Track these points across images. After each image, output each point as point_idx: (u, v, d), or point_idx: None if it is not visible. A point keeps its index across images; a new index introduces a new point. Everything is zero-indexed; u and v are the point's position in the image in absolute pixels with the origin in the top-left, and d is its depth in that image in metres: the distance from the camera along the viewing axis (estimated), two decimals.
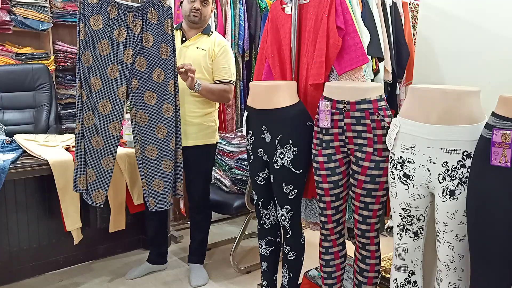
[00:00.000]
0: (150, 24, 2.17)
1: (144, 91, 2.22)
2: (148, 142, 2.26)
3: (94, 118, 2.16)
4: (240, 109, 3.29)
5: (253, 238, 3.23)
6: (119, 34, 2.13)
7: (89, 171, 2.20)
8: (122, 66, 2.16)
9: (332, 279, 1.94)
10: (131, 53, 2.16)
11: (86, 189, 2.21)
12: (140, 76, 2.20)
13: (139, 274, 2.66)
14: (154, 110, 2.24)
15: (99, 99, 2.15)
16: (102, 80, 2.14)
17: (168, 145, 2.28)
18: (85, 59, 2.12)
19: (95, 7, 2.09)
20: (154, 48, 2.20)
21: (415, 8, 2.70)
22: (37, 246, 2.61)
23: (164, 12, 2.19)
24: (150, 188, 2.29)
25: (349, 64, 1.90)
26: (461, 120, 1.37)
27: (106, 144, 2.19)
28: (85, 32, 2.10)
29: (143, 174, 2.29)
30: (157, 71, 2.22)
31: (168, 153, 2.28)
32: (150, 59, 2.20)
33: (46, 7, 3.70)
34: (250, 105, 1.97)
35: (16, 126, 3.13)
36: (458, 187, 1.38)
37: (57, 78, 3.91)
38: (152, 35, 2.18)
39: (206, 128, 2.51)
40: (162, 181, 2.30)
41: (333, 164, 1.78)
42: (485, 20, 1.63)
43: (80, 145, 2.18)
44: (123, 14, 2.12)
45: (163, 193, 2.30)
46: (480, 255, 1.29)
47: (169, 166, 2.30)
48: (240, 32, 3.21)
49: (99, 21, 2.09)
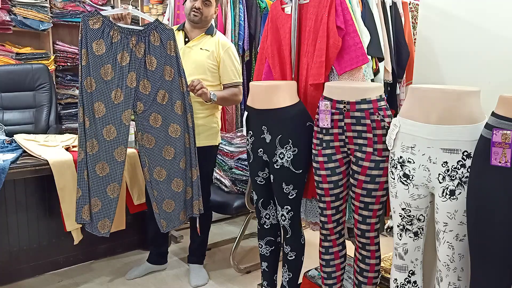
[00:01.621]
0: (153, 46, 2.17)
1: (150, 114, 2.22)
2: (156, 165, 2.26)
3: (98, 145, 2.13)
4: (240, 109, 3.28)
5: (253, 238, 3.23)
6: (122, 58, 2.12)
7: (93, 200, 2.16)
8: (126, 90, 2.15)
9: (332, 279, 1.94)
10: (135, 76, 2.16)
11: (90, 219, 2.18)
12: (145, 99, 2.20)
13: (139, 274, 2.66)
14: (161, 132, 2.24)
15: (104, 125, 2.13)
16: (106, 105, 2.12)
17: (178, 165, 2.27)
18: (87, 85, 2.10)
19: (98, 32, 2.07)
20: (157, 70, 2.19)
21: (415, 8, 2.70)
22: (37, 246, 2.61)
23: (166, 34, 2.19)
24: (161, 211, 2.29)
25: (349, 64, 1.90)
26: (461, 120, 1.37)
27: (111, 171, 2.16)
28: (87, 57, 2.08)
29: (153, 197, 2.28)
30: (161, 93, 2.22)
31: (177, 173, 2.28)
32: (154, 81, 2.19)
33: (46, 7, 3.70)
34: (250, 105, 1.97)
35: (16, 126, 3.13)
36: (458, 187, 1.38)
37: (57, 78, 3.92)
38: (155, 58, 2.18)
39: (209, 130, 2.51)
40: (173, 201, 2.30)
41: (333, 164, 1.78)
42: (485, 20, 1.63)
43: (83, 173, 2.14)
44: (126, 38, 2.12)
45: (174, 213, 2.32)
46: (480, 255, 1.29)
47: (179, 185, 2.30)
48: (240, 32, 3.21)
49: (101, 46, 2.08)
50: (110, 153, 2.15)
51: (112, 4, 4.25)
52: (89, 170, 2.14)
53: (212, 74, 2.45)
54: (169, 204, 2.30)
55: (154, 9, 4.31)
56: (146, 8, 4.36)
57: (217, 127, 2.57)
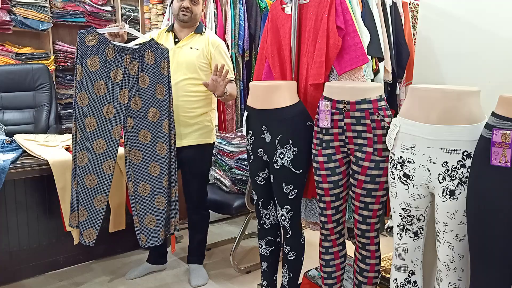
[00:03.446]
0: (147, 65, 2.22)
1: (139, 130, 2.25)
2: (141, 180, 2.28)
3: (87, 157, 2.17)
4: (240, 109, 3.28)
5: (253, 238, 3.23)
6: (115, 75, 2.16)
7: (81, 210, 2.20)
8: (118, 106, 2.19)
9: (332, 279, 1.94)
10: (127, 93, 2.19)
11: (77, 226, 2.22)
12: (135, 115, 2.23)
13: (139, 274, 2.66)
14: (148, 149, 2.28)
15: (94, 138, 2.17)
16: (97, 120, 2.17)
17: (162, 182, 2.32)
18: (80, 100, 2.14)
19: (93, 49, 2.12)
20: (150, 88, 2.23)
21: (415, 8, 2.70)
22: (37, 246, 2.61)
23: (160, 54, 2.24)
24: (142, 225, 2.32)
25: (349, 64, 1.90)
26: (461, 120, 1.37)
27: (99, 183, 2.19)
28: (82, 73, 2.13)
29: (135, 211, 2.30)
30: (152, 110, 2.25)
31: (161, 190, 2.32)
32: (145, 99, 2.24)
33: (46, 7, 3.70)
34: (250, 105, 1.97)
35: (16, 126, 3.13)
36: (458, 187, 1.38)
37: (57, 78, 3.92)
38: (148, 76, 2.23)
39: (202, 128, 2.50)
40: (154, 217, 2.33)
41: (333, 164, 1.78)
42: (485, 20, 1.63)
43: (73, 183, 2.20)
44: (121, 56, 2.16)
45: (155, 230, 2.34)
46: (480, 255, 1.29)
47: (162, 202, 2.33)
48: (240, 32, 3.21)
49: (96, 62, 2.13)
50: (99, 165, 2.18)
51: (112, 4, 4.25)
52: (78, 180, 2.18)
53: (204, 73, 2.46)
54: (151, 219, 2.33)
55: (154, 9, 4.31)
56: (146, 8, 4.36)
57: (211, 126, 2.57)
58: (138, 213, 2.30)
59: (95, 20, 4.09)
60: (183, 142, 2.46)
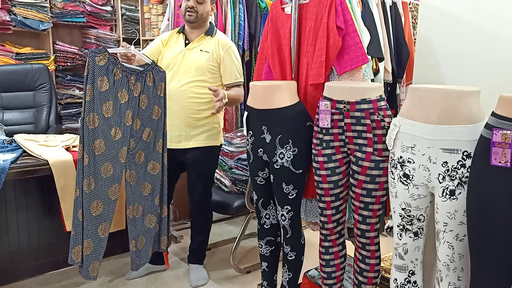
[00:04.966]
0: (147, 86, 2.23)
1: (136, 151, 2.25)
2: (135, 201, 2.29)
3: (94, 183, 2.10)
4: (240, 109, 3.28)
5: (253, 238, 3.23)
6: (121, 96, 2.15)
7: (86, 242, 2.11)
8: (124, 128, 2.17)
9: (332, 279, 1.94)
10: (131, 115, 2.19)
11: (81, 262, 2.12)
12: (135, 136, 2.23)
13: (139, 274, 2.66)
14: (141, 169, 2.28)
15: (103, 162, 2.11)
16: (105, 143, 2.12)
17: (153, 201, 2.33)
18: (90, 122, 2.07)
19: (103, 69, 2.09)
20: (147, 109, 2.25)
21: (415, 8, 2.70)
22: (37, 246, 2.61)
23: (159, 76, 2.26)
24: (137, 249, 2.32)
25: (349, 64, 1.90)
26: (461, 120, 1.37)
27: (104, 210, 2.14)
28: (92, 93, 2.07)
29: (132, 235, 2.28)
30: (147, 130, 2.27)
31: (151, 209, 2.34)
32: (143, 119, 2.25)
33: (46, 7, 3.70)
34: (250, 105, 1.97)
35: (16, 126, 3.13)
36: (458, 187, 1.38)
37: (57, 78, 3.92)
38: (147, 97, 2.24)
39: (210, 130, 2.50)
40: (144, 238, 2.35)
41: (333, 164, 1.78)
42: (485, 20, 1.63)
43: (78, 213, 2.10)
44: (126, 76, 2.15)
45: (144, 250, 2.36)
46: (480, 255, 1.29)
47: (152, 221, 2.35)
48: (240, 32, 3.21)
49: (105, 83, 2.10)
50: (105, 191, 2.14)
51: (112, 4, 4.25)
52: (84, 209, 2.10)
53: (213, 75, 2.44)
54: (141, 240, 2.34)
55: (154, 9, 4.31)
56: (146, 8, 4.36)
57: (219, 128, 2.56)
58: (134, 236, 2.30)
59: (95, 20, 4.10)
60: (190, 144, 2.46)
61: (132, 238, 2.29)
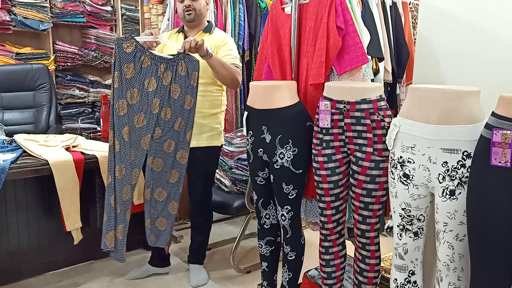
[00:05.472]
0: (179, 76, 2.21)
1: (165, 140, 2.26)
2: (158, 186, 2.31)
3: (124, 169, 2.17)
4: (240, 109, 3.28)
5: (253, 238, 3.23)
6: (149, 84, 2.16)
7: (119, 227, 2.19)
8: (150, 115, 2.19)
9: (332, 279, 1.94)
10: (159, 103, 2.19)
11: (114, 247, 2.21)
12: (163, 125, 2.23)
13: (140, 275, 2.65)
14: (171, 158, 2.30)
15: (128, 148, 2.18)
16: (129, 129, 2.17)
17: (178, 188, 2.35)
18: (120, 108, 2.12)
19: (130, 56, 2.10)
20: (180, 99, 2.23)
21: (415, 8, 2.70)
22: (37, 246, 2.61)
23: (192, 66, 2.23)
24: (153, 227, 2.36)
25: (349, 64, 1.90)
26: (461, 120, 1.37)
27: (130, 195, 2.22)
28: (120, 80, 2.11)
29: (148, 214, 2.34)
30: (178, 120, 2.26)
31: (175, 196, 2.36)
32: (175, 109, 2.24)
33: (46, 7, 3.70)
34: (250, 105, 1.97)
35: (16, 126, 3.13)
36: (458, 187, 1.38)
37: (57, 78, 3.91)
38: (179, 87, 2.22)
39: (211, 130, 2.49)
40: (165, 220, 2.37)
41: (333, 164, 1.78)
42: (485, 20, 1.63)
43: (110, 198, 2.16)
44: (155, 64, 2.15)
45: (165, 232, 2.39)
46: (480, 255, 1.29)
47: (174, 208, 2.37)
48: (240, 32, 3.21)
49: (131, 70, 2.11)
50: (129, 176, 2.21)
51: (112, 4, 4.25)
52: (116, 195, 2.17)
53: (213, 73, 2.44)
54: (162, 222, 2.37)
55: (154, 9, 4.30)
56: (146, 8, 4.35)
57: (220, 128, 2.56)
58: (151, 216, 2.34)
59: (95, 20, 4.09)
60: (191, 144, 2.45)
61: (148, 217, 2.33)
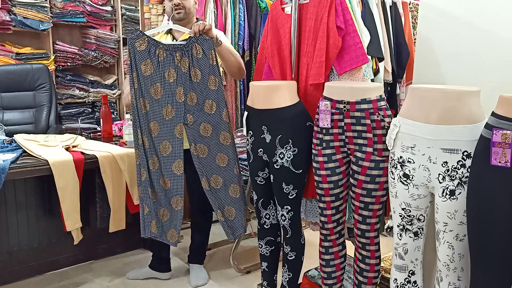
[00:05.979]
0: (196, 59, 2.20)
1: (199, 124, 2.25)
2: (212, 173, 2.30)
3: (158, 161, 2.24)
4: (240, 109, 3.28)
5: (253, 238, 3.23)
6: (169, 75, 2.17)
7: (161, 211, 2.28)
8: (176, 105, 2.20)
9: (332, 279, 1.94)
10: (182, 91, 2.20)
11: (158, 232, 2.28)
12: (193, 110, 2.23)
13: (140, 277, 2.64)
14: (212, 141, 2.28)
15: (160, 142, 2.22)
16: (159, 123, 2.21)
17: (232, 171, 2.32)
18: (141, 106, 2.18)
19: (144, 53, 2.12)
20: (202, 81, 2.22)
21: (415, 8, 2.70)
22: (37, 246, 2.61)
23: (207, 45, 2.20)
24: (226, 219, 2.34)
25: (349, 64, 1.90)
26: (461, 120, 1.37)
27: (172, 185, 2.26)
28: (138, 80, 2.14)
29: (215, 206, 2.31)
30: (208, 102, 2.24)
31: (233, 179, 2.32)
32: (200, 92, 2.23)
33: (46, 7, 3.70)
34: (250, 105, 1.97)
35: (16, 126, 3.13)
36: (458, 187, 1.38)
37: (57, 78, 3.91)
38: (199, 69, 2.21)
39: None
40: (232, 208, 2.34)
41: (333, 164, 1.78)
42: (485, 20, 1.63)
43: (148, 191, 2.25)
44: (171, 54, 2.16)
45: (237, 220, 2.35)
46: (480, 255, 1.29)
47: (236, 191, 2.34)
48: (240, 32, 3.21)
49: (149, 66, 2.13)
50: (169, 167, 2.24)
51: (112, 4, 4.25)
52: (154, 185, 2.25)
53: None
54: (230, 211, 2.34)
55: (154, 9, 4.30)
56: (146, 8, 4.35)
57: None
58: (219, 207, 2.32)
59: (95, 20, 4.09)
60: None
61: (217, 209, 2.32)
